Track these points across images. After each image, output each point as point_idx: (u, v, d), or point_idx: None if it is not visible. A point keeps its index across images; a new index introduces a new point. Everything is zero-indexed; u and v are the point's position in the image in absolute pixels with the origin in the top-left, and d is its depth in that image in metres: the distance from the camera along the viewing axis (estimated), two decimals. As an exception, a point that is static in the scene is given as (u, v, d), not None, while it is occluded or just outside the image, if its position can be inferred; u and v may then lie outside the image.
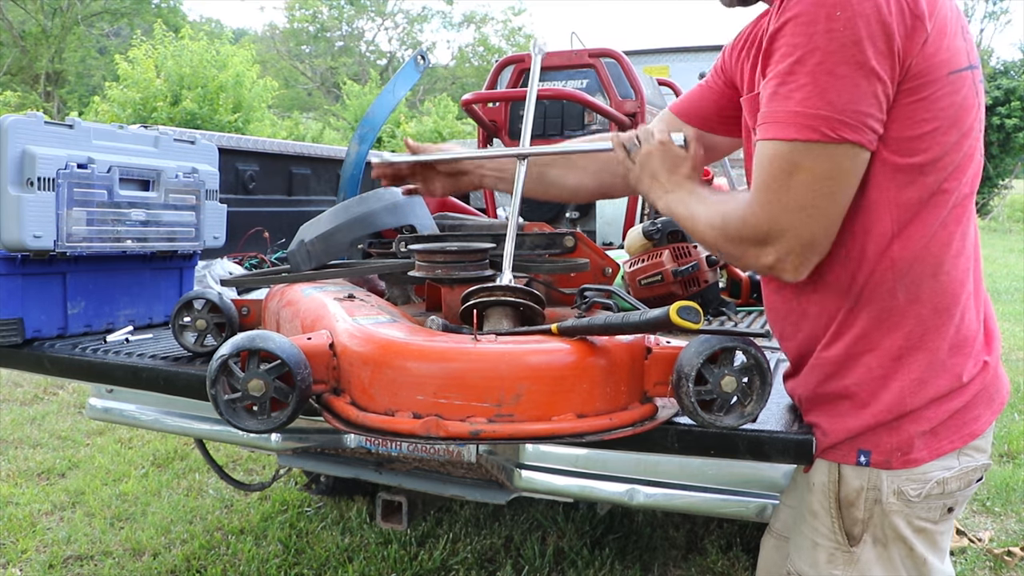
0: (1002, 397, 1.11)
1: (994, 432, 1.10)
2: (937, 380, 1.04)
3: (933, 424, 1.05)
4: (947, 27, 0.96)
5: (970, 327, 1.06)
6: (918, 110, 0.96)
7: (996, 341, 1.12)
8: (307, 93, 36.94)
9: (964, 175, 1.02)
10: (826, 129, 0.93)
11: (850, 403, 1.07)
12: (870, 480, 1.07)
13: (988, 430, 1.09)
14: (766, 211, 1.00)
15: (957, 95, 0.97)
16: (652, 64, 4.29)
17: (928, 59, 0.94)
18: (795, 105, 0.94)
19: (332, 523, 2.93)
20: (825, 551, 1.12)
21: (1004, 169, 22.57)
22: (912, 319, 1.04)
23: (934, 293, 1.03)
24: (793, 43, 0.94)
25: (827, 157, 0.95)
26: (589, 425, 1.01)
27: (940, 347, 1.04)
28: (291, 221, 2.38)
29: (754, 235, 1.02)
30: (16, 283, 1.70)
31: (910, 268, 1.02)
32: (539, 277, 1.52)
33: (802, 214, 0.98)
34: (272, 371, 1.03)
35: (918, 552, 1.08)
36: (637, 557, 2.69)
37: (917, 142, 0.98)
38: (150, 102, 14.58)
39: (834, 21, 0.91)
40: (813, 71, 0.93)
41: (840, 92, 0.92)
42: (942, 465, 1.06)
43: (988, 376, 1.08)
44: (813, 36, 0.92)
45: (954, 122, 0.98)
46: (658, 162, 1.20)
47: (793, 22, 0.94)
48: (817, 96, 0.93)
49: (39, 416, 4.18)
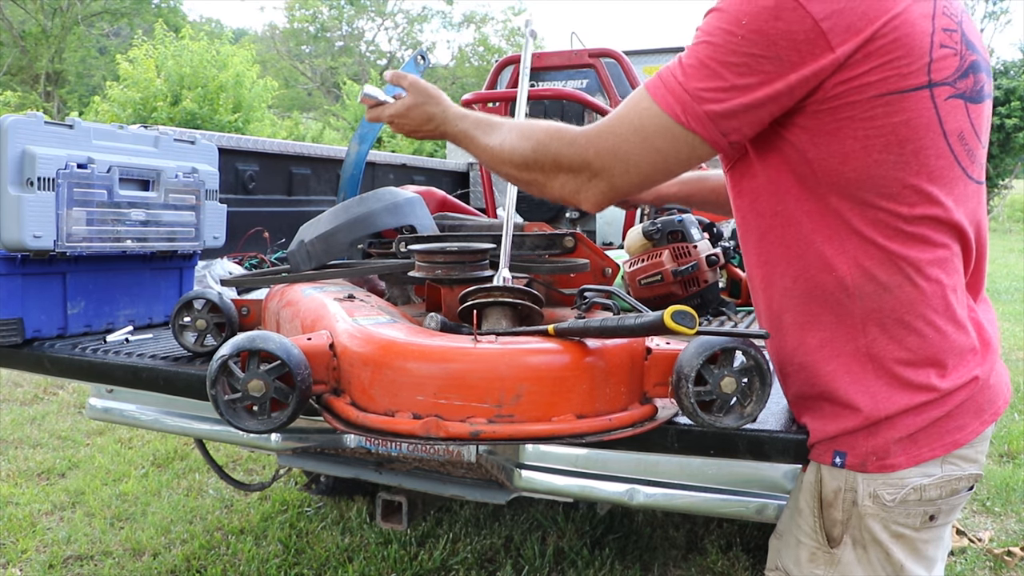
0: (995, 407, 1.10)
1: (994, 432, 1.10)
2: (908, 389, 1.03)
3: (911, 431, 1.04)
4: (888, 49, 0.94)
5: (949, 339, 1.04)
6: (841, 129, 0.98)
7: (993, 352, 1.11)
8: (307, 93, 36.94)
9: (918, 195, 1.00)
10: (680, 111, 1.00)
11: (827, 406, 1.08)
12: (847, 482, 1.07)
13: (977, 440, 1.08)
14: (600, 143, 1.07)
15: (894, 116, 0.96)
16: (652, 64, 4.29)
17: (847, 83, 0.95)
18: (677, 76, 1.01)
19: (332, 523, 2.93)
20: (807, 549, 1.12)
21: (1004, 169, 22.55)
22: (874, 328, 1.04)
23: (898, 304, 1.02)
24: (705, 28, 1.01)
25: (670, 133, 1.01)
26: (589, 426, 1.01)
27: (908, 358, 1.03)
28: (291, 221, 2.38)
29: (577, 161, 1.09)
30: (16, 283, 1.70)
31: (860, 282, 1.02)
32: (539, 277, 1.52)
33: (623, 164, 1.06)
34: (272, 371, 1.03)
35: (895, 557, 1.07)
36: (637, 557, 2.69)
37: (843, 160, 0.99)
38: (150, 102, 14.57)
39: (738, 27, 0.96)
40: (700, 58, 0.99)
41: (707, 88, 0.98)
42: (921, 472, 1.05)
43: (976, 387, 1.06)
44: (717, 31, 0.98)
45: (888, 143, 0.97)
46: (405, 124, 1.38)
47: (715, 12, 1.01)
48: (694, 80, 0.99)
49: (39, 416, 4.18)
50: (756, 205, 1.12)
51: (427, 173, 4.01)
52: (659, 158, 1.04)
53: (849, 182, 1.00)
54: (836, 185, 1.01)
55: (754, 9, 0.95)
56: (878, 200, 1.00)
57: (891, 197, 1.00)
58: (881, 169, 0.98)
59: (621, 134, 1.06)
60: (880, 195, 1.00)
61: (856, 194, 1.00)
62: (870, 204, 1.00)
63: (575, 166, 1.09)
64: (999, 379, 1.12)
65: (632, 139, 1.04)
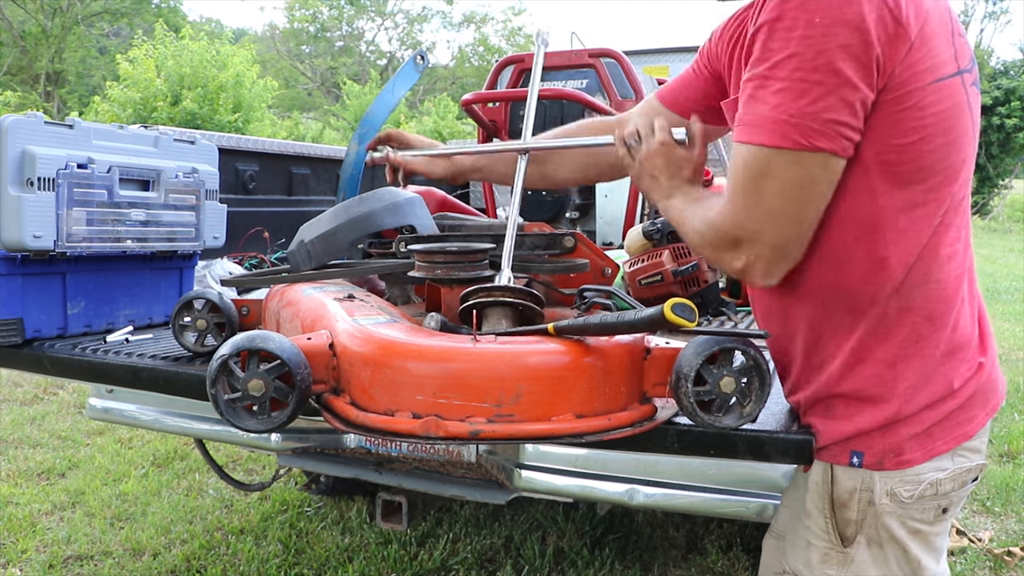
0: (997, 397, 1.11)
1: (994, 432, 1.10)
2: (931, 386, 1.04)
3: (926, 426, 1.05)
4: (933, 34, 0.95)
5: (964, 331, 1.06)
6: (903, 119, 0.96)
7: (991, 342, 1.12)
8: (307, 93, 36.94)
9: (956, 182, 1.01)
10: (797, 136, 0.93)
11: (844, 408, 1.08)
12: (863, 481, 1.07)
13: (983, 430, 1.09)
14: (737, 215, 1.00)
15: (944, 103, 0.96)
16: (652, 64, 4.29)
17: (911, 68, 0.93)
18: (769, 110, 0.94)
19: (332, 523, 2.93)
20: (819, 551, 1.12)
21: (1004, 169, 22.56)
22: (906, 327, 1.04)
23: (927, 300, 1.03)
24: (771, 47, 0.94)
25: (798, 164, 0.95)
26: (588, 425, 1.01)
27: (934, 354, 1.04)
28: (291, 221, 2.37)
29: (724, 239, 1.03)
30: (16, 283, 1.70)
31: (903, 277, 1.02)
32: (539, 277, 1.52)
33: (772, 219, 0.99)
34: (272, 371, 1.03)
35: (912, 553, 1.08)
36: (637, 557, 2.69)
37: (903, 151, 0.97)
38: (150, 102, 14.58)
39: (812, 28, 0.91)
40: (789, 77, 0.92)
41: (814, 100, 0.92)
42: (935, 466, 1.05)
43: (983, 378, 1.08)
44: (790, 41, 0.92)
45: (941, 130, 0.97)
46: (660, 163, 1.19)
47: (771, 25, 0.94)
48: (791, 102, 0.93)
49: (39, 416, 4.18)
50: None
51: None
52: (797, 196, 0.97)
53: (903, 176, 0.99)
54: (887, 181, 0.99)
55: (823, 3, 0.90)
56: (925, 192, 1.00)
57: (937, 187, 1.00)
58: (932, 157, 0.98)
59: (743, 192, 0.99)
60: (929, 186, 0.99)
61: (905, 188, 0.99)
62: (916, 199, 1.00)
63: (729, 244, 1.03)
64: (995, 368, 1.13)
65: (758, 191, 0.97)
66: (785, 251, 1.01)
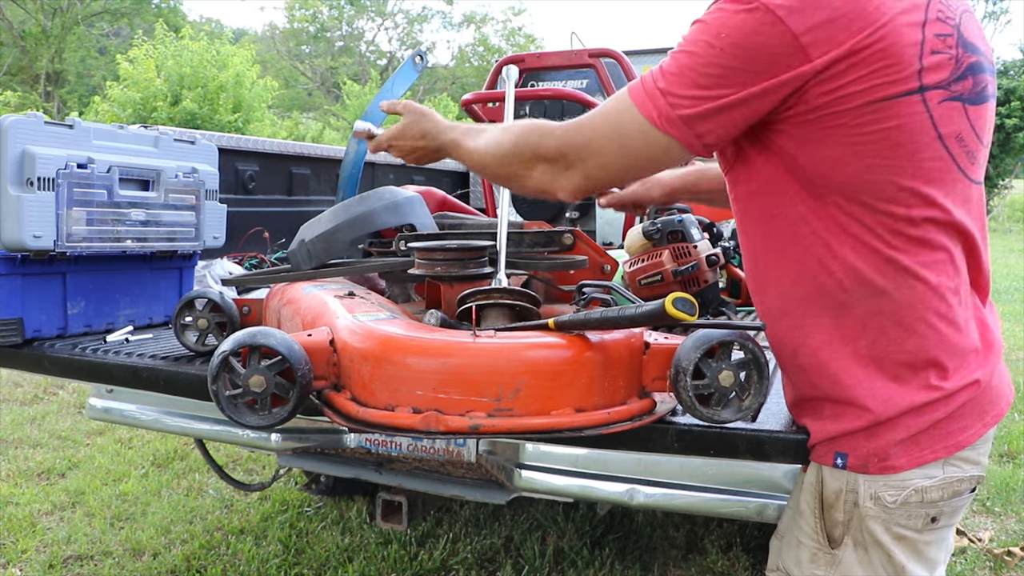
0: (998, 409, 1.10)
1: (994, 433, 1.08)
2: (909, 391, 1.04)
3: (912, 432, 1.04)
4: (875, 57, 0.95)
5: (951, 340, 1.05)
6: (830, 136, 0.98)
7: (995, 353, 1.11)
8: (307, 93, 36.95)
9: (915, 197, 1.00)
10: (656, 115, 1.02)
11: (828, 408, 1.08)
12: (848, 483, 1.07)
13: (980, 441, 1.08)
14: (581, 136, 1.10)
15: (886, 122, 0.97)
16: (652, 64, 4.29)
17: (832, 92, 0.96)
18: (658, 80, 1.03)
19: (332, 523, 2.93)
20: (808, 550, 1.12)
21: (1004, 169, 22.55)
22: (874, 330, 1.04)
23: (898, 307, 1.03)
24: (687, 37, 1.03)
25: (646, 135, 1.04)
26: (588, 419, 1.02)
27: (910, 360, 1.04)
28: (291, 221, 2.38)
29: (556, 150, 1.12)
30: (16, 283, 1.70)
31: (859, 283, 1.03)
32: (538, 274, 1.52)
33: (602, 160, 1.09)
34: (273, 367, 1.03)
35: (897, 559, 1.07)
36: (637, 557, 2.69)
37: (836, 165, 1.00)
38: (150, 102, 14.57)
39: (717, 40, 0.98)
40: (680, 66, 1.01)
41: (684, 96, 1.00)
42: (923, 474, 1.05)
43: (979, 389, 1.06)
44: (697, 41, 1.01)
45: (882, 148, 0.98)
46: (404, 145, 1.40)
47: (697, 23, 1.03)
48: (670, 85, 1.01)
49: (39, 416, 4.18)
50: (755, 207, 1.12)
51: (427, 173, 4.01)
52: (632, 157, 1.07)
53: (843, 186, 1.01)
54: (831, 188, 1.02)
55: (734, 23, 0.97)
56: (875, 203, 1.00)
57: (888, 200, 1.00)
58: (875, 174, 0.99)
59: (599, 130, 1.09)
60: (876, 199, 1.00)
61: (852, 197, 1.01)
62: (867, 207, 1.01)
63: (551, 156, 1.12)
64: (1001, 380, 1.12)
65: (609, 136, 1.08)
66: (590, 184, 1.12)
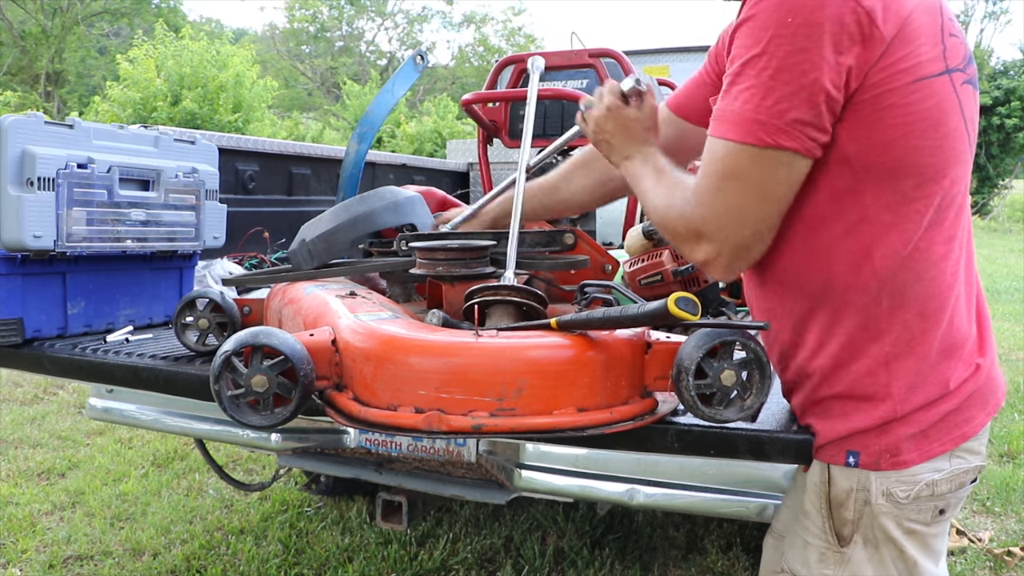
0: (997, 399, 1.11)
1: (994, 432, 1.09)
2: (926, 385, 1.04)
3: (923, 427, 1.04)
4: (916, 34, 0.95)
5: (960, 330, 1.05)
6: (882, 118, 0.97)
7: (990, 343, 1.12)
8: (307, 93, 36.94)
9: (945, 179, 1.01)
10: (762, 134, 0.95)
11: (840, 408, 1.08)
12: (859, 481, 1.07)
13: (982, 432, 1.09)
14: (701, 208, 1.02)
15: (928, 101, 0.97)
16: (652, 64, 4.30)
17: (888, 68, 0.94)
18: (739, 106, 0.96)
19: (332, 523, 2.93)
20: (816, 550, 1.12)
21: (1004, 169, 22.55)
22: (898, 326, 1.03)
23: (919, 299, 1.03)
24: (746, 44, 0.96)
25: (760, 161, 0.96)
26: (590, 419, 1.02)
27: (928, 352, 1.04)
28: (291, 221, 2.38)
29: (688, 231, 1.04)
30: (16, 283, 1.70)
31: (892, 275, 1.02)
32: (539, 274, 1.52)
33: (733, 216, 1.00)
34: (275, 367, 1.03)
35: (909, 554, 1.08)
36: (637, 557, 2.69)
37: (885, 149, 0.98)
38: (150, 102, 14.56)
39: (784, 27, 0.92)
40: (758, 75, 0.94)
41: (779, 99, 0.94)
42: (932, 467, 1.05)
43: (981, 378, 1.07)
44: (762, 40, 0.94)
45: (925, 128, 0.98)
46: (611, 127, 1.23)
47: (749, 23, 0.96)
48: (759, 100, 0.94)
49: (39, 416, 4.18)
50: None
51: (427, 173, 4.01)
52: (759, 194, 0.98)
53: (887, 173, 0.99)
54: (873, 179, 1.00)
55: (795, 3, 0.92)
56: (913, 189, 1.00)
57: (925, 183, 1.00)
58: (919, 155, 0.99)
59: (710, 188, 1.00)
60: (917, 183, 1.00)
61: (892, 185, 1.00)
62: (904, 196, 1.00)
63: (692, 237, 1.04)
64: (997, 371, 1.13)
65: (724, 188, 0.99)
66: (744, 248, 1.03)
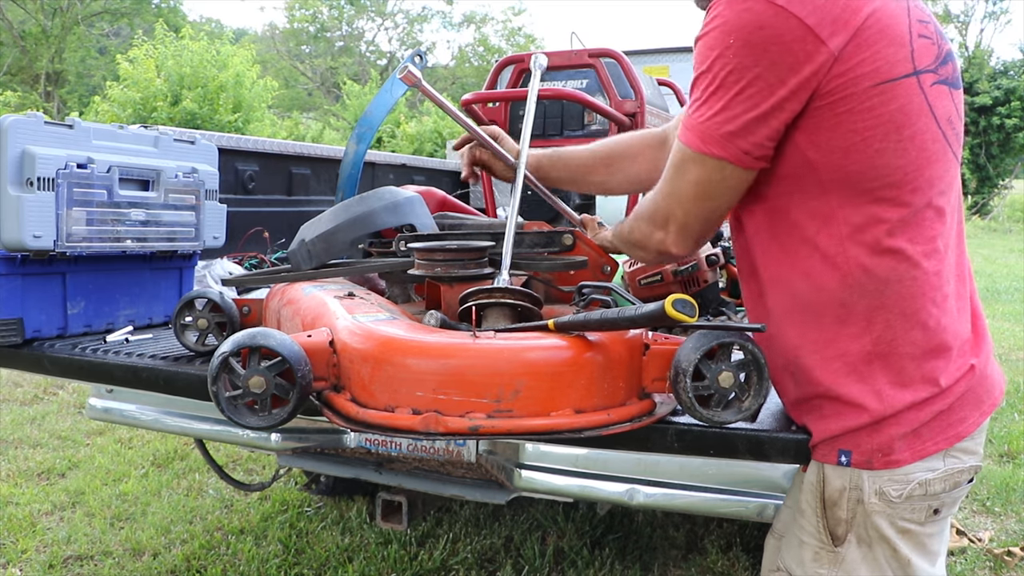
0: (993, 398, 1.11)
1: (994, 432, 1.09)
2: (913, 384, 1.04)
3: (915, 426, 1.05)
4: (874, 39, 0.96)
5: (949, 330, 1.05)
6: (841, 123, 0.99)
7: (985, 342, 1.12)
8: (307, 93, 36.96)
9: (918, 180, 1.01)
10: (699, 142, 1.04)
11: (830, 407, 1.08)
12: (852, 480, 1.07)
13: (977, 431, 1.09)
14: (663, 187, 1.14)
15: (890, 104, 0.98)
16: (652, 64, 4.29)
17: (843, 75, 0.97)
18: (688, 114, 1.07)
19: (332, 523, 2.93)
20: (811, 549, 1.12)
21: (1004, 169, 22.56)
22: (879, 325, 1.04)
23: (900, 298, 1.03)
24: (697, 61, 1.05)
25: (699, 164, 1.06)
26: (587, 420, 1.01)
27: (913, 352, 1.04)
28: (291, 221, 2.38)
29: (652, 215, 1.17)
30: (16, 283, 1.70)
31: (868, 276, 1.03)
32: (538, 275, 1.52)
33: (683, 206, 1.12)
34: (273, 368, 1.03)
35: (902, 553, 1.08)
36: (637, 557, 2.69)
37: (845, 153, 1.00)
38: (150, 102, 14.57)
39: (727, 48, 0.98)
40: (704, 90, 1.03)
41: (716, 113, 1.02)
42: (925, 467, 1.06)
43: (975, 378, 1.07)
44: (709, 58, 1.01)
45: (888, 131, 0.99)
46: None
47: (701, 41, 1.04)
48: (701, 111, 1.04)
49: (39, 416, 4.18)
50: (754, 211, 1.13)
51: (427, 173, 4.01)
52: (700, 190, 1.09)
53: (851, 176, 1.01)
54: (838, 182, 1.02)
55: (737, 25, 0.97)
56: (881, 191, 1.01)
57: (893, 186, 1.01)
58: (883, 158, 1.00)
59: (669, 179, 1.13)
60: (883, 185, 1.01)
61: (858, 188, 1.01)
62: (872, 197, 1.01)
63: (657, 219, 1.17)
64: (993, 369, 1.13)
65: (676, 180, 1.11)
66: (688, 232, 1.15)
